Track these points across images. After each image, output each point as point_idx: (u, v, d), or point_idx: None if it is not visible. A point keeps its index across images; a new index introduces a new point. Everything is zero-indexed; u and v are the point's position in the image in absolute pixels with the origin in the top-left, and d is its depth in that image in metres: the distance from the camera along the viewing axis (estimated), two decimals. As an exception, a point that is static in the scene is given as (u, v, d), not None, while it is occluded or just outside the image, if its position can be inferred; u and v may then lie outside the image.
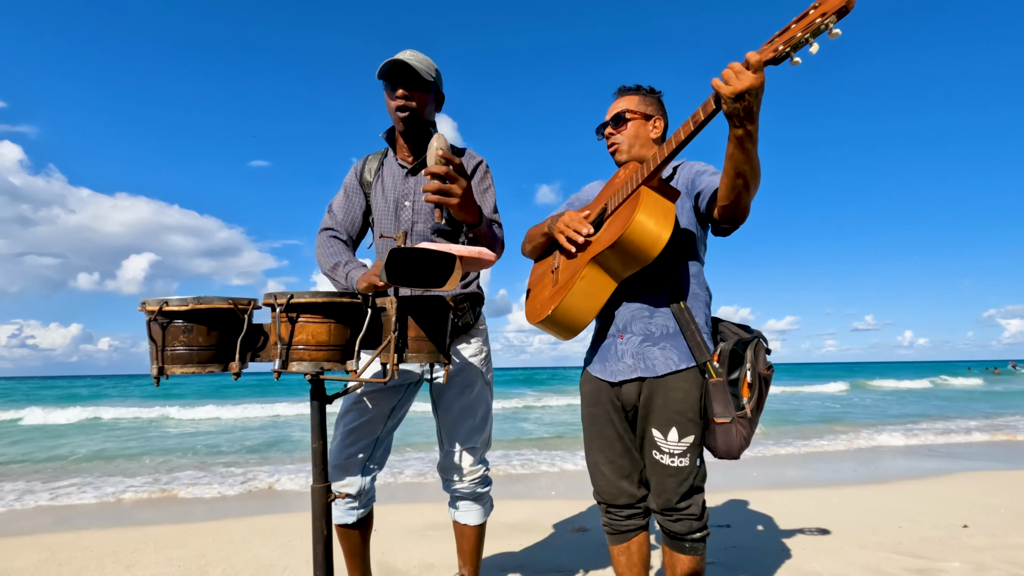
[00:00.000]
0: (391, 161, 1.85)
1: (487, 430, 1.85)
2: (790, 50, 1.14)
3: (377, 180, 1.84)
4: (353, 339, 1.30)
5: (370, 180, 1.84)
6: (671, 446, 1.52)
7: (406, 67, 1.68)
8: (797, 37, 1.12)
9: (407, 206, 1.79)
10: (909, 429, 8.26)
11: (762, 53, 1.17)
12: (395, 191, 1.80)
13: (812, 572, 2.41)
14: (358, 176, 1.87)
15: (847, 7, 1.05)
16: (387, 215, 1.81)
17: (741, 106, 1.20)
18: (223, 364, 1.27)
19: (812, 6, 1.11)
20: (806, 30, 1.11)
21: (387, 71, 1.69)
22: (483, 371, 1.84)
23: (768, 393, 1.59)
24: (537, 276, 1.82)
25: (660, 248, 1.40)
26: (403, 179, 1.81)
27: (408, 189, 1.80)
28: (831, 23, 1.08)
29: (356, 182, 1.87)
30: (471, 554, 1.86)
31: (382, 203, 1.81)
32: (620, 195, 1.52)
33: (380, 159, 1.87)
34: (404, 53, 1.71)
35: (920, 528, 3.11)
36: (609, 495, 1.64)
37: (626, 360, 1.58)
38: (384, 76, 1.70)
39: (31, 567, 2.77)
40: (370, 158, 1.89)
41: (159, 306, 1.21)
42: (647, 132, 1.68)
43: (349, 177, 1.89)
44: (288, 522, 3.53)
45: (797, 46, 1.13)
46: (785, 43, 1.14)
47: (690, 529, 1.54)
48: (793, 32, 1.13)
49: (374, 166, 1.86)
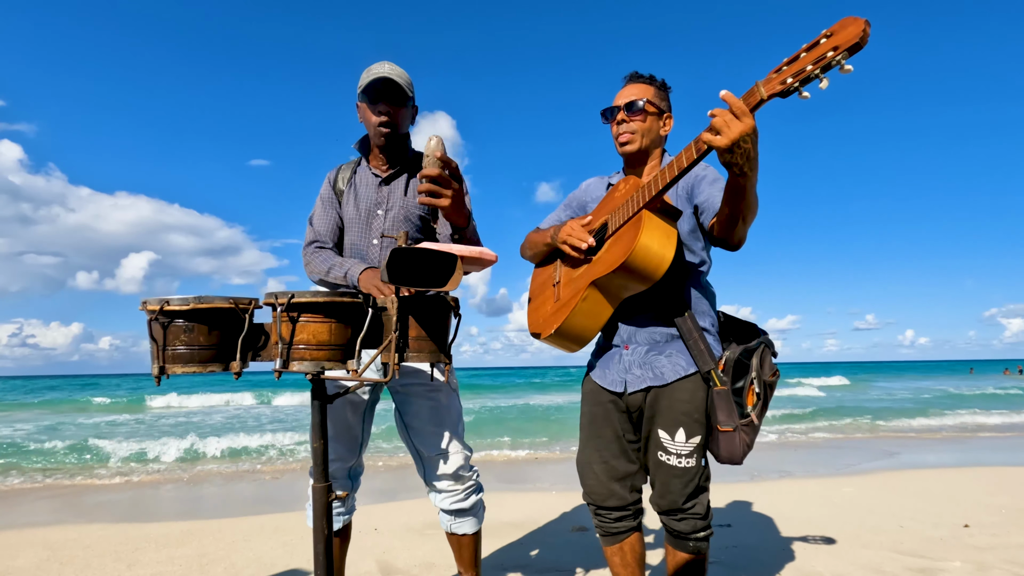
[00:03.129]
0: (364, 170, 1.86)
1: (462, 435, 1.81)
2: (799, 84, 1.09)
3: (350, 189, 1.84)
4: (354, 339, 1.30)
5: (343, 189, 1.85)
6: (678, 447, 1.52)
7: (391, 83, 1.69)
8: (808, 71, 1.06)
9: (379, 214, 1.79)
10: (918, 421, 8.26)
11: (768, 84, 1.13)
12: (367, 200, 1.81)
13: (814, 572, 2.40)
14: (332, 185, 1.88)
15: (860, 44, 1.00)
16: (358, 223, 1.81)
17: (738, 153, 1.17)
18: (224, 363, 1.27)
19: (824, 34, 1.06)
20: (816, 63, 1.05)
21: (371, 86, 1.70)
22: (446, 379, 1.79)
23: (773, 396, 1.59)
24: (539, 285, 1.81)
25: (664, 270, 1.39)
26: (376, 188, 1.81)
27: (381, 198, 1.80)
28: (843, 59, 1.02)
29: (331, 192, 1.87)
30: (471, 561, 1.84)
31: (353, 211, 1.81)
32: (621, 215, 1.50)
33: (353, 168, 1.88)
34: (384, 66, 1.71)
35: (922, 527, 3.11)
36: (599, 496, 1.63)
37: (633, 371, 1.58)
38: (366, 90, 1.71)
39: (32, 566, 2.78)
40: (343, 168, 1.90)
41: (160, 305, 1.20)
42: (658, 129, 1.66)
43: (324, 188, 1.89)
44: (289, 521, 3.54)
45: (807, 80, 1.08)
46: (795, 76, 1.09)
47: (694, 528, 1.53)
48: (803, 64, 1.08)
49: (347, 175, 1.86)
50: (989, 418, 9.88)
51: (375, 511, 3.69)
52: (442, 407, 1.76)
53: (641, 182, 1.54)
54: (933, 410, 11.33)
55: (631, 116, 1.62)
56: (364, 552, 2.83)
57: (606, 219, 1.58)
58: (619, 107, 1.64)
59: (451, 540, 1.84)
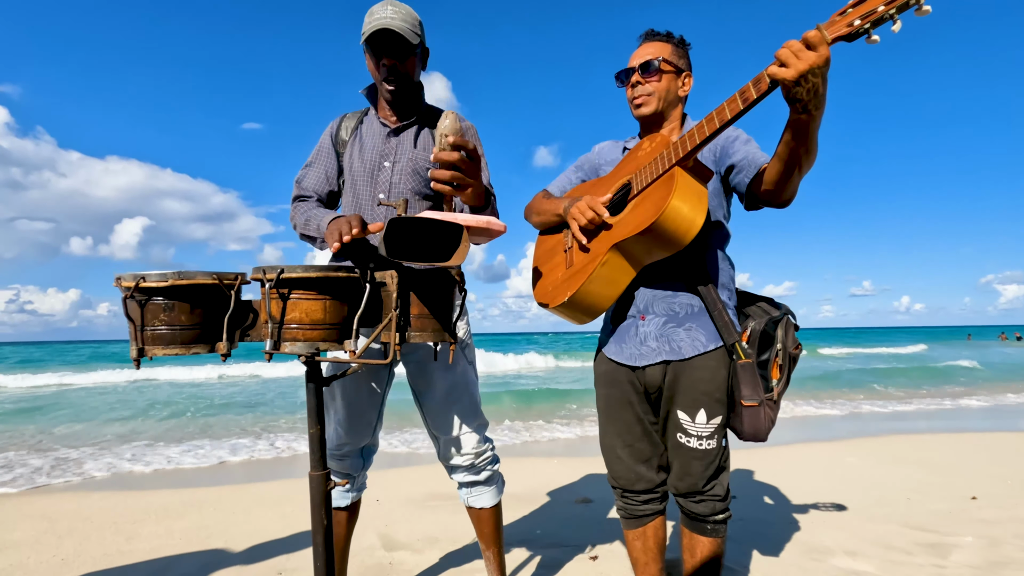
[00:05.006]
0: (372, 119, 1.69)
1: (479, 408, 1.72)
2: (869, 26, 0.98)
3: (355, 139, 1.68)
4: (351, 317, 1.20)
5: (346, 139, 1.69)
6: (699, 428, 1.44)
7: (392, 35, 1.50)
8: (880, 12, 0.96)
9: (387, 167, 1.64)
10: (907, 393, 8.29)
11: (833, 27, 1.02)
12: (374, 151, 1.65)
13: (823, 547, 2.37)
14: (333, 136, 1.71)
15: None
16: (363, 176, 1.65)
17: (804, 89, 1.05)
18: (209, 344, 1.16)
19: None
20: (891, 3, 0.94)
21: (372, 37, 1.51)
22: (463, 349, 1.71)
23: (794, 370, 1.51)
24: (546, 251, 1.69)
25: (693, 235, 1.29)
26: (384, 139, 1.65)
27: (389, 149, 1.65)
28: None
29: (330, 143, 1.71)
30: (492, 536, 1.77)
31: (358, 163, 1.65)
32: (647, 173, 1.38)
33: (359, 117, 1.72)
34: (386, 9, 1.51)
35: (928, 500, 3.08)
36: (626, 480, 1.56)
37: (649, 343, 1.48)
38: (368, 41, 1.53)
39: (31, 539, 2.74)
40: (348, 116, 1.73)
41: (136, 282, 1.09)
42: (676, 89, 1.53)
43: (323, 137, 1.73)
44: (289, 490, 3.51)
45: (878, 22, 0.97)
46: (864, 17, 0.97)
47: (713, 511, 1.47)
48: (874, 4, 0.97)
49: (352, 124, 1.70)
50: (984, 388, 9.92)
51: (376, 479, 3.66)
52: (457, 381, 1.67)
53: (670, 138, 1.42)
54: (939, 376, 11.39)
55: (646, 77, 1.51)
56: (366, 525, 2.80)
57: (628, 179, 1.46)
58: (634, 68, 1.52)
59: (471, 514, 1.77)
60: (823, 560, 2.24)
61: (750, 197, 1.43)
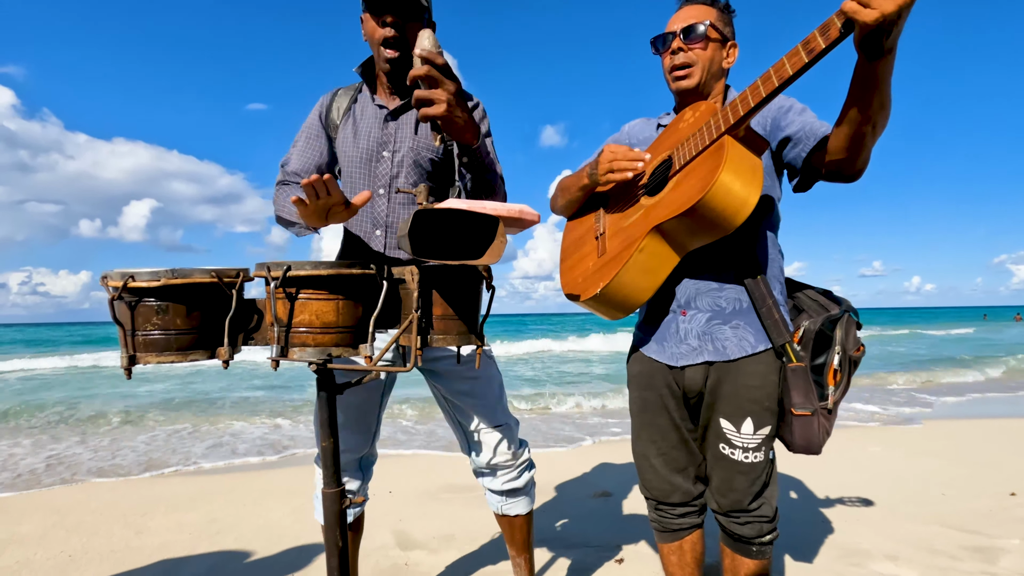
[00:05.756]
0: (366, 99, 1.51)
1: (505, 407, 1.60)
2: None
3: (347, 121, 1.50)
4: (366, 318, 1.07)
5: (337, 121, 1.51)
6: (744, 439, 1.30)
7: None
8: None
9: (385, 157, 1.46)
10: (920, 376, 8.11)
11: None
12: (370, 138, 1.47)
13: (860, 550, 2.25)
14: (323, 116, 1.53)
15: None
16: (359, 166, 1.48)
17: (885, 34, 0.89)
18: (209, 350, 1.04)
19: None
20: None
21: None
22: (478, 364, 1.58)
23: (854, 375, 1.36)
24: (574, 240, 1.55)
25: (745, 215, 1.13)
26: (382, 124, 1.47)
27: (388, 136, 1.47)
28: None
29: (319, 123, 1.53)
30: (524, 543, 1.66)
31: (352, 150, 1.48)
32: (691, 145, 1.22)
33: (353, 95, 1.53)
34: None
35: (964, 496, 2.95)
36: (660, 491, 1.43)
37: (690, 341, 1.33)
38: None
39: (39, 532, 2.68)
40: (340, 93, 1.54)
41: (124, 281, 0.96)
42: (721, 60, 1.36)
43: (311, 117, 1.54)
44: (298, 480, 3.44)
45: None
46: None
47: (760, 532, 1.34)
48: None
49: (344, 104, 1.52)
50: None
51: (388, 468, 3.58)
52: (482, 381, 1.54)
53: (716, 105, 1.26)
54: (962, 358, 11.18)
55: (690, 44, 1.33)
56: (378, 520, 2.71)
57: (668, 154, 1.30)
58: (674, 33, 1.34)
59: (501, 522, 1.66)
60: (862, 565, 2.12)
61: (809, 173, 1.27)
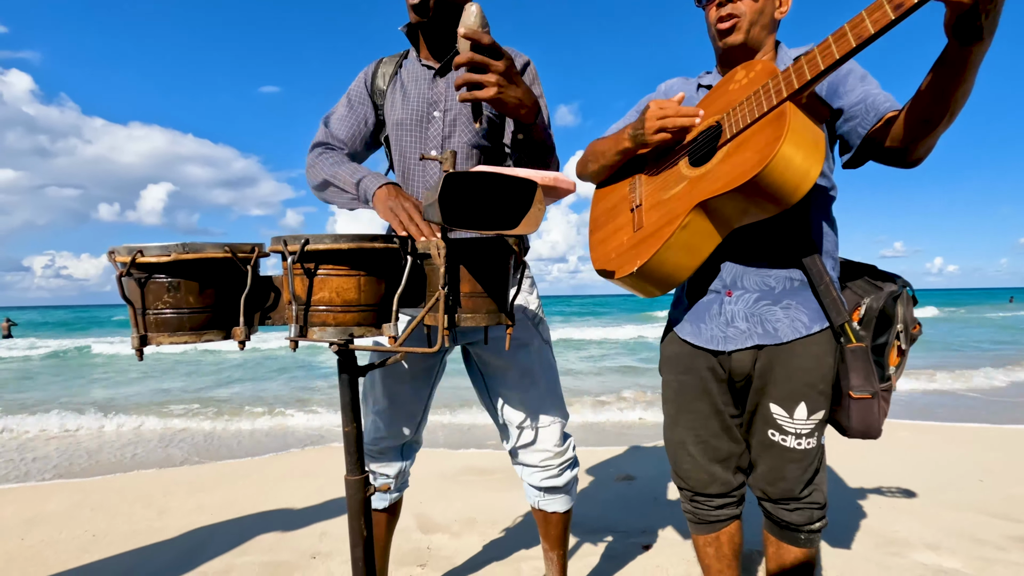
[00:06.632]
0: (413, 62, 1.44)
1: (559, 399, 1.49)
2: None
3: (394, 86, 1.44)
4: (390, 295, 0.99)
5: (384, 88, 1.45)
6: (798, 425, 1.21)
7: None
8: None
9: (436, 116, 1.39)
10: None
11: None
12: (420, 98, 1.40)
13: (900, 539, 2.16)
14: (368, 84, 1.47)
15: None
16: (411, 128, 1.40)
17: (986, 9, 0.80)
18: (224, 330, 0.97)
19: None
20: None
21: None
22: (535, 324, 1.48)
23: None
24: (607, 210, 1.44)
25: (805, 191, 1.03)
26: (430, 82, 1.40)
27: (437, 95, 1.39)
28: None
29: (365, 91, 1.47)
30: (559, 539, 1.58)
31: (402, 113, 1.41)
32: (745, 111, 1.11)
33: (398, 62, 1.47)
34: None
35: (1003, 483, 2.83)
36: (697, 482, 1.34)
37: (737, 324, 1.23)
38: None
39: (63, 511, 2.70)
40: (385, 61, 1.48)
41: (132, 256, 0.89)
42: (772, 10, 1.23)
43: (356, 84, 1.49)
44: (318, 460, 3.43)
45: None
46: None
47: (810, 519, 1.26)
48: None
49: (389, 70, 1.46)
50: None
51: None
52: (534, 366, 1.44)
53: (775, 65, 1.14)
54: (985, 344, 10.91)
55: None
56: (400, 503, 2.68)
57: (717, 119, 1.19)
58: None
59: (536, 515, 1.57)
60: (903, 555, 2.03)
61: (866, 150, 1.16)
